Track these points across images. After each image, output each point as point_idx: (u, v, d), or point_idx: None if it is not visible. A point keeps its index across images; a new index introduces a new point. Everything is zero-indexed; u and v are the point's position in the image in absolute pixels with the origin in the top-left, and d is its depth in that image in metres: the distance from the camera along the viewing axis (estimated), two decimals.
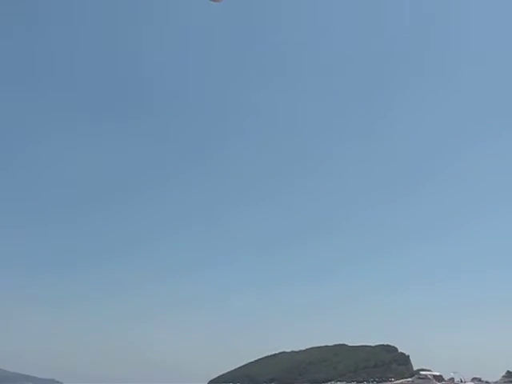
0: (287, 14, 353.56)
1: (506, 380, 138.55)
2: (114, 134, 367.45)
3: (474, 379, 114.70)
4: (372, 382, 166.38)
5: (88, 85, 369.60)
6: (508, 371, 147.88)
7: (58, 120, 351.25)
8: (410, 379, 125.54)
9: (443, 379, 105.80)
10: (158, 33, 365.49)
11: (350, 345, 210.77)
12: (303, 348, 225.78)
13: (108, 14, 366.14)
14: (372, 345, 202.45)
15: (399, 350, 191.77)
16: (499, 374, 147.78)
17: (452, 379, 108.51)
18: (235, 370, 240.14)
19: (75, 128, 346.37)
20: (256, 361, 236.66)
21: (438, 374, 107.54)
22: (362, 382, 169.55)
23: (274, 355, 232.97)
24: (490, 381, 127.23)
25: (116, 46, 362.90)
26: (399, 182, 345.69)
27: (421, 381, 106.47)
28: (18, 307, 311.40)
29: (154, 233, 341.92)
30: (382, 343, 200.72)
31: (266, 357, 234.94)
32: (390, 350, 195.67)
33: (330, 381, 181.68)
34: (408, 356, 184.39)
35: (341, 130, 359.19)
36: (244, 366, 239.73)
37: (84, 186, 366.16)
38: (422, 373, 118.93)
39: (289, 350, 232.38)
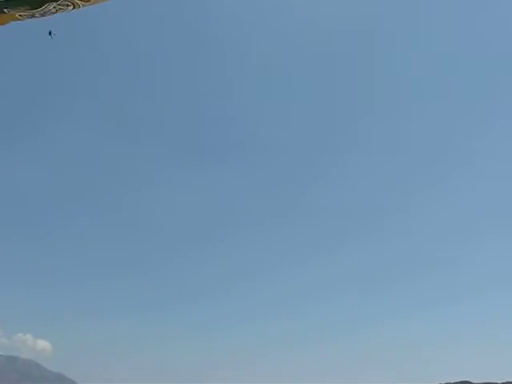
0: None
1: None
2: (197, 180, 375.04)
3: None
4: None
5: (177, 134, 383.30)
6: None
7: (149, 169, 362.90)
8: None
9: None
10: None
11: (474, 382, 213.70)
12: None
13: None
14: (499, 382, 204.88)
15: None
16: None
17: None
18: None
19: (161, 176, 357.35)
20: None
21: None
22: None
23: None
24: None
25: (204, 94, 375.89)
26: None
27: None
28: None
29: (251, 271, 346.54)
30: (509, 380, 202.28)
31: None
32: None
33: None
34: None
35: None
36: None
37: (173, 231, 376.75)
38: None
39: None
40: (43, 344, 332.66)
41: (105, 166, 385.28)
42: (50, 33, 28.66)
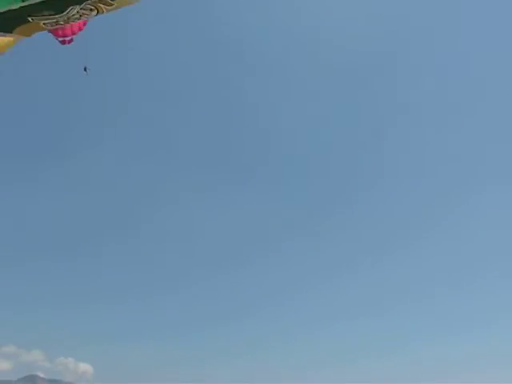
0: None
1: None
2: (230, 198, 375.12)
3: None
4: None
5: (205, 153, 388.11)
6: None
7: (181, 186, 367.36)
8: None
9: None
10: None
11: None
12: None
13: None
14: None
15: None
16: None
17: None
18: None
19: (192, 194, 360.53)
20: None
21: None
22: None
23: None
24: None
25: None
26: None
27: None
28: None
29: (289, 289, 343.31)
30: None
31: None
32: None
33: None
34: None
35: None
36: None
37: (204, 251, 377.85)
38: None
39: None
40: (85, 367, 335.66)
41: (133, 189, 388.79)
42: (85, 69, 29.81)
